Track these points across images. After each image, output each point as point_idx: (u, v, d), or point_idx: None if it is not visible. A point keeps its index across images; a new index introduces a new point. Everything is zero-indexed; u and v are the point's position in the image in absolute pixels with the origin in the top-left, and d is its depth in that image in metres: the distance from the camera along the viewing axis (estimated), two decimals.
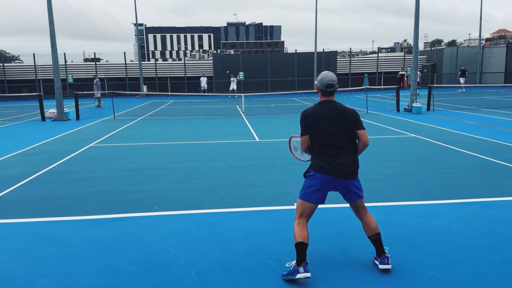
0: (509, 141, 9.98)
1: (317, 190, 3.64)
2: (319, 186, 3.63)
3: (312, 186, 3.64)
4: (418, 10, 17.31)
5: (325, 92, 3.73)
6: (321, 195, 3.67)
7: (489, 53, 36.32)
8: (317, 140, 3.66)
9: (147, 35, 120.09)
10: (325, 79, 3.72)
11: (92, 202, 5.94)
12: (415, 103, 17.33)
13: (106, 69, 35.60)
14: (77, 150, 10.05)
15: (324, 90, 3.72)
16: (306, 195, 3.68)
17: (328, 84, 3.70)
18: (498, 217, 5.03)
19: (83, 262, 4.06)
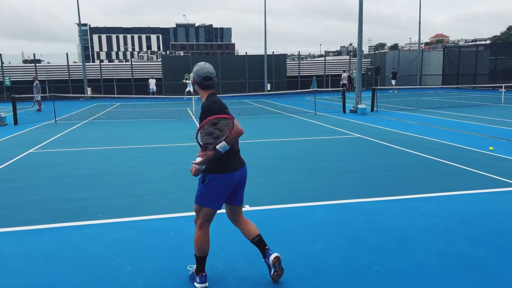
0: (446, 140, 10.63)
1: (222, 194, 3.41)
2: (224, 190, 3.39)
3: (218, 189, 3.37)
4: (361, 15, 18.00)
5: (203, 85, 3.38)
6: (222, 199, 3.46)
7: (428, 57, 38.55)
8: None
9: (91, 35, 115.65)
10: (202, 71, 3.34)
11: (31, 212, 5.60)
12: (360, 104, 18.00)
13: (47, 71, 33.80)
14: (15, 157, 9.44)
15: (201, 83, 3.37)
16: (210, 200, 3.39)
17: (205, 77, 3.35)
18: (436, 211, 5.33)
19: (20, 276, 3.81)
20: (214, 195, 3.39)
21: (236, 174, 3.42)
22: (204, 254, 3.54)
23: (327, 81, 37.52)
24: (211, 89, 3.42)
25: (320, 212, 5.37)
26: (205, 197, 3.40)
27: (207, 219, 3.51)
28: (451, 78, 35.44)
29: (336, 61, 40.60)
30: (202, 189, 3.42)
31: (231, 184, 3.43)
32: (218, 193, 3.39)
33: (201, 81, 3.37)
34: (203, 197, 3.42)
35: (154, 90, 30.39)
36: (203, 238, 3.49)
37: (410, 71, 37.64)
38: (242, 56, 35.91)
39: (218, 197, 3.41)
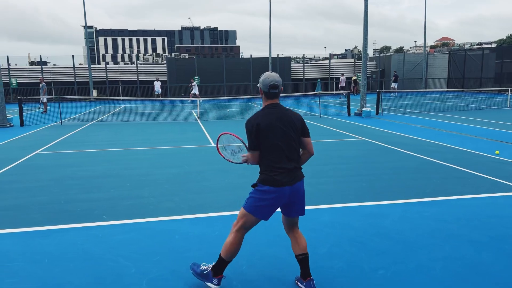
0: (451, 143, 10.58)
1: (268, 206, 3.33)
2: (273, 202, 3.31)
3: (265, 200, 3.31)
4: (366, 18, 18.00)
5: (269, 94, 3.36)
6: (271, 211, 3.38)
7: (433, 60, 38.45)
8: (266, 149, 3.31)
9: (97, 38, 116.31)
10: (268, 79, 3.34)
11: (36, 213, 5.63)
12: (365, 107, 17.97)
13: (53, 73, 34.03)
14: (21, 158, 9.50)
15: (268, 92, 3.35)
16: (254, 208, 3.34)
17: (271, 85, 3.33)
18: (440, 215, 5.31)
19: (25, 277, 3.83)
20: (261, 204, 3.32)
21: (285, 189, 3.29)
22: (230, 260, 3.48)
23: (332, 84, 37.48)
24: (275, 99, 3.39)
25: (325, 216, 5.36)
26: (253, 204, 3.35)
27: (247, 226, 3.42)
28: (457, 82, 35.30)
29: (341, 64, 40.55)
30: (252, 195, 3.38)
31: (280, 198, 3.32)
32: (265, 204, 3.32)
33: (267, 90, 3.34)
34: (251, 203, 3.36)
35: (159, 92, 30.52)
36: (236, 244, 3.42)
37: (415, 74, 37.54)
38: (247, 59, 35.96)
39: (265, 208, 3.34)
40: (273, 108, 3.37)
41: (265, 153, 3.33)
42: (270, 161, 3.31)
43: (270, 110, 3.36)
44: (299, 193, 3.40)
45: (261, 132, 3.29)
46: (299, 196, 3.41)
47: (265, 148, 3.32)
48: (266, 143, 3.30)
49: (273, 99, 3.39)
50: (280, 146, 3.30)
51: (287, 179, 3.30)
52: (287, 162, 3.33)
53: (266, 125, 3.29)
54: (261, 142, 3.31)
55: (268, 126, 3.29)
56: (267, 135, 3.29)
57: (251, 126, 3.30)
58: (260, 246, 4.41)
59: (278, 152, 3.31)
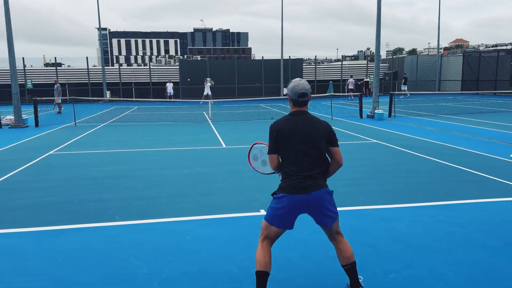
0: (465, 146, 10.44)
1: (285, 214, 3.27)
2: (287, 210, 3.26)
3: (280, 209, 3.27)
4: (379, 19, 17.88)
5: (297, 102, 3.33)
6: (289, 220, 3.32)
7: (447, 62, 37.99)
8: (286, 156, 3.29)
9: (111, 39, 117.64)
10: (297, 87, 3.32)
11: (50, 212, 5.71)
12: (377, 109, 17.83)
13: (68, 74, 34.52)
14: (35, 158, 9.65)
15: (296, 100, 3.33)
16: (272, 218, 3.32)
17: (300, 94, 3.30)
18: (454, 219, 5.24)
19: (38, 275, 3.89)
20: (278, 213, 3.29)
21: (300, 197, 3.23)
22: (262, 269, 3.29)
23: (344, 86, 37.29)
24: (303, 106, 3.37)
25: None
26: (271, 213, 3.34)
27: (270, 236, 3.37)
28: (471, 84, 34.82)
29: (353, 66, 40.33)
30: (271, 205, 3.37)
31: (294, 206, 3.26)
32: (282, 213, 3.27)
33: (296, 98, 3.33)
34: (269, 212, 3.36)
35: (171, 93, 30.73)
36: (261, 254, 3.34)
37: (428, 76, 37.14)
38: (259, 61, 36.00)
39: (283, 217, 3.29)
40: (298, 115, 3.34)
41: (284, 160, 3.32)
42: (288, 168, 3.28)
43: (294, 117, 3.33)
44: (318, 203, 3.27)
45: (280, 137, 3.27)
46: (318, 206, 3.28)
47: (284, 155, 3.30)
48: (285, 149, 3.28)
49: (301, 106, 3.37)
50: (298, 153, 3.25)
51: (301, 186, 3.23)
52: (305, 170, 3.25)
53: (286, 130, 3.27)
54: (280, 148, 3.30)
55: (289, 132, 3.26)
56: (287, 141, 3.26)
57: (272, 129, 3.31)
58: (273, 249, 4.40)
59: (296, 159, 3.26)
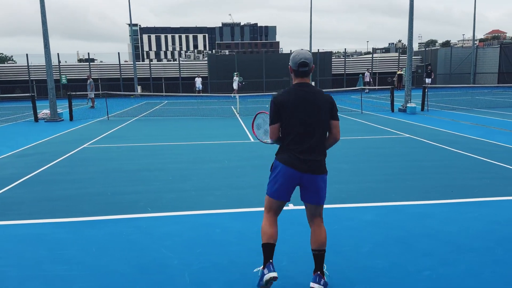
0: (502, 141, 10.03)
1: (281, 185, 3.27)
2: (283, 181, 3.26)
3: (276, 181, 3.29)
4: (412, 11, 17.37)
5: (298, 72, 3.25)
6: (285, 191, 3.31)
7: (483, 54, 36.54)
8: (286, 129, 3.24)
9: (141, 35, 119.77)
10: (298, 56, 3.23)
11: (85, 204, 5.89)
12: (410, 103, 17.39)
13: (100, 69, 35.44)
14: (71, 151, 9.98)
15: (297, 70, 3.25)
16: (270, 191, 3.35)
17: (301, 63, 3.21)
18: (492, 217, 5.05)
19: (76, 264, 4.02)
20: (276, 185, 3.30)
21: (294, 172, 3.22)
22: (269, 241, 3.33)
23: (375, 79, 36.56)
24: (305, 77, 3.28)
25: (367, 214, 5.24)
26: (271, 187, 3.36)
27: (272, 208, 3.39)
28: (508, 77, 33.34)
29: (384, 59, 39.44)
30: (270, 177, 3.39)
31: (290, 178, 3.25)
32: (279, 182, 3.28)
33: (297, 68, 3.25)
34: (269, 186, 3.38)
35: (200, 88, 31.02)
36: (266, 224, 3.38)
37: (463, 69, 35.87)
38: (287, 54, 35.76)
39: (280, 187, 3.29)
40: (301, 86, 3.27)
41: (284, 132, 3.28)
42: (287, 140, 3.26)
43: (297, 89, 3.26)
44: (310, 185, 3.28)
45: (282, 109, 3.22)
46: (313, 185, 3.29)
47: (286, 128, 3.25)
48: (288, 123, 3.23)
49: (303, 77, 3.28)
50: (298, 126, 3.21)
51: (298, 162, 3.21)
52: (301, 144, 3.23)
53: (288, 103, 3.21)
54: (281, 119, 3.25)
55: (291, 104, 3.21)
56: (290, 115, 3.21)
57: (274, 101, 3.26)
58: (303, 243, 4.38)
59: (296, 132, 3.22)
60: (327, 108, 3.27)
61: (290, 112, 3.21)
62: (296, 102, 3.21)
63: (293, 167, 3.22)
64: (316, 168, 3.27)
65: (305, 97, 3.23)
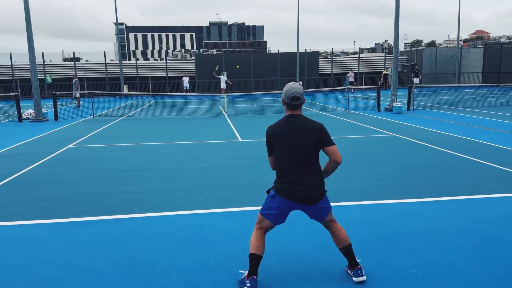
0: (486, 140, 10.21)
1: (276, 213, 3.46)
2: (278, 211, 3.45)
3: (271, 208, 3.46)
4: (398, 11, 17.55)
5: (290, 105, 3.46)
6: (280, 218, 3.51)
7: (467, 54, 37.11)
8: (278, 159, 3.45)
9: (128, 34, 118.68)
10: (290, 91, 3.44)
11: (71, 204, 5.81)
12: (396, 102, 17.57)
13: (86, 68, 34.99)
14: (56, 151, 9.83)
15: (289, 103, 3.45)
16: (265, 213, 3.51)
17: (293, 97, 3.42)
18: (477, 215, 5.13)
19: (62, 266, 3.97)
20: (270, 212, 3.48)
21: (289, 202, 3.41)
22: (255, 251, 3.45)
23: (361, 79, 36.86)
24: (297, 110, 3.49)
25: (354, 213, 5.28)
26: (264, 207, 3.53)
27: (264, 227, 3.53)
28: (492, 76, 33.97)
29: (371, 59, 39.78)
30: (265, 200, 3.56)
31: (287, 208, 3.46)
32: (274, 210, 3.47)
33: (289, 101, 3.46)
34: (263, 208, 3.55)
35: (187, 88, 30.86)
36: (255, 238, 3.50)
37: (448, 69, 36.38)
38: (274, 54, 35.82)
39: (275, 215, 3.48)
40: (291, 118, 3.47)
41: (277, 162, 3.49)
42: (280, 170, 3.46)
43: (287, 120, 3.48)
44: (310, 210, 3.49)
45: (272, 140, 3.47)
46: (312, 211, 3.50)
47: (276, 157, 3.49)
48: (277, 152, 3.47)
49: (295, 110, 3.49)
50: (288, 156, 3.41)
51: (289, 192, 3.38)
52: (291, 173, 3.40)
53: (277, 134, 3.45)
54: (274, 150, 3.49)
55: (279, 135, 3.43)
56: (277, 144, 3.45)
57: (267, 134, 3.53)
58: (290, 242, 4.40)
59: (287, 163, 3.42)
60: (315, 137, 3.42)
61: (278, 143, 3.44)
62: (284, 133, 3.43)
63: (289, 199, 3.40)
64: (313, 198, 3.43)
65: (294, 129, 3.43)
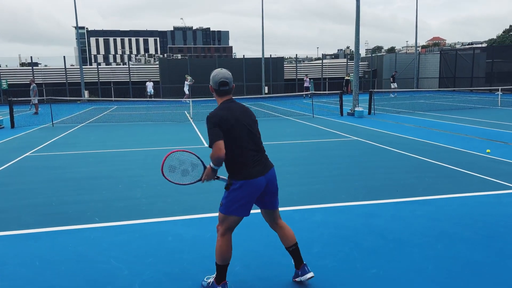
0: (442, 142, 10.66)
1: (246, 202, 3.29)
2: (249, 197, 3.28)
3: (241, 198, 3.27)
4: (358, 18, 18.07)
5: (219, 91, 3.33)
6: (248, 207, 3.35)
7: (425, 60, 38.69)
8: (236, 145, 3.25)
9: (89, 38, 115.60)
10: (217, 76, 3.30)
11: (27, 215, 5.57)
12: (357, 107, 18.04)
13: (44, 74, 33.74)
14: (11, 160, 9.40)
15: (218, 89, 3.32)
16: (234, 209, 3.29)
17: (221, 82, 3.29)
18: (433, 214, 5.34)
19: (17, 280, 3.79)
20: (240, 203, 3.28)
21: (261, 179, 3.30)
22: (226, 263, 3.41)
23: (324, 84, 37.59)
24: (227, 95, 3.37)
25: (317, 215, 5.37)
26: (231, 206, 3.30)
27: (231, 227, 3.40)
28: (448, 81, 35.58)
29: (334, 64, 40.68)
30: (227, 197, 3.32)
31: (257, 190, 3.31)
32: (244, 200, 3.28)
33: (217, 87, 3.33)
34: (229, 205, 3.31)
35: (151, 93, 30.38)
36: (226, 246, 3.37)
37: (406, 74, 37.76)
38: (240, 59, 35.95)
39: (245, 204, 3.30)
40: (231, 103, 3.37)
41: (234, 148, 3.25)
42: (240, 156, 3.26)
43: (229, 105, 3.34)
44: (273, 181, 3.44)
45: (225, 125, 3.19)
46: (274, 185, 3.46)
47: (232, 143, 3.24)
48: (233, 137, 3.23)
49: (224, 96, 3.37)
50: (247, 138, 3.31)
51: (261, 168, 3.33)
52: (256, 154, 3.35)
53: (229, 118, 3.23)
54: (226, 136, 3.20)
55: (232, 119, 3.24)
56: (233, 129, 3.23)
57: (213, 118, 3.22)
58: (254, 247, 4.41)
59: (247, 145, 3.30)
60: (255, 119, 3.48)
61: (232, 128, 3.22)
62: (236, 116, 3.27)
63: (259, 175, 3.29)
64: (269, 164, 3.45)
65: (240, 111, 3.35)
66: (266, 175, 3.35)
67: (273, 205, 3.50)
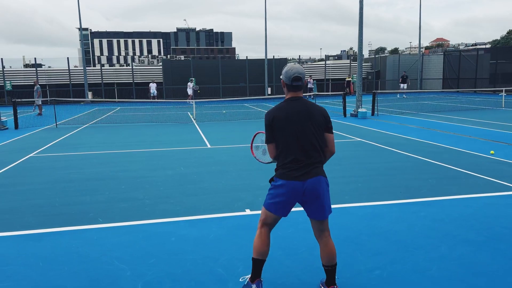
0: (446, 143, 10.62)
1: (282, 201, 3.23)
2: (286, 197, 3.21)
3: (278, 195, 3.23)
4: (361, 19, 18.05)
5: (292, 86, 3.24)
6: (285, 207, 3.27)
7: (428, 61, 38.61)
8: (282, 145, 3.22)
9: (92, 40, 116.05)
10: (291, 71, 3.22)
11: (31, 216, 5.59)
12: (361, 108, 18.00)
13: (48, 75, 33.89)
14: (16, 160, 9.44)
15: (291, 85, 3.23)
16: (269, 204, 3.29)
17: (294, 77, 3.20)
18: (437, 215, 5.31)
19: (20, 280, 3.80)
20: (275, 200, 3.25)
21: (296, 184, 3.17)
22: (260, 257, 3.32)
23: (328, 85, 37.56)
24: (298, 91, 3.28)
25: None
26: (268, 200, 3.32)
27: (267, 222, 3.34)
28: (452, 82, 35.47)
29: (337, 65, 40.64)
30: (269, 191, 3.37)
31: (292, 193, 3.19)
32: (278, 199, 3.23)
33: (290, 82, 3.23)
34: (267, 199, 3.34)
35: (154, 94, 30.46)
36: (260, 239, 3.32)
37: (410, 75, 37.64)
38: (243, 60, 35.99)
39: (279, 203, 3.24)
40: (293, 101, 3.26)
41: (281, 147, 3.24)
42: (285, 155, 3.22)
43: (289, 103, 3.25)
44: (314, 191, 3.20)
45: (276, 125, 3.20)
46: (315, 195, 3.21)
47: (280, 142, 3.23)
48: (281, 136, 3.21)
49: (296, 91, 3.27)
50: (294, 140, 3.19)
51: (298, 173, 3.17)
52: (301, 157, 3.19)
53: (281, 118, 3.19)
54: (276, 135, 3.22)
55: (284, 119, 3.19)
56: (282, 129, 3.19)
57: (267, 118, 3.25)
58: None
59: (293, 146, 3.19)
60: (321, 120, 3.25)
61: (283, 128, 3.19)
62: (289, 117, 3.20)
63: (296, 179, 3.17)
64: (313, 171, 3.22)
65: (296, 110, 3.21)
66: (305, 182, 3.18)
67: (313, 215, 3.31)
